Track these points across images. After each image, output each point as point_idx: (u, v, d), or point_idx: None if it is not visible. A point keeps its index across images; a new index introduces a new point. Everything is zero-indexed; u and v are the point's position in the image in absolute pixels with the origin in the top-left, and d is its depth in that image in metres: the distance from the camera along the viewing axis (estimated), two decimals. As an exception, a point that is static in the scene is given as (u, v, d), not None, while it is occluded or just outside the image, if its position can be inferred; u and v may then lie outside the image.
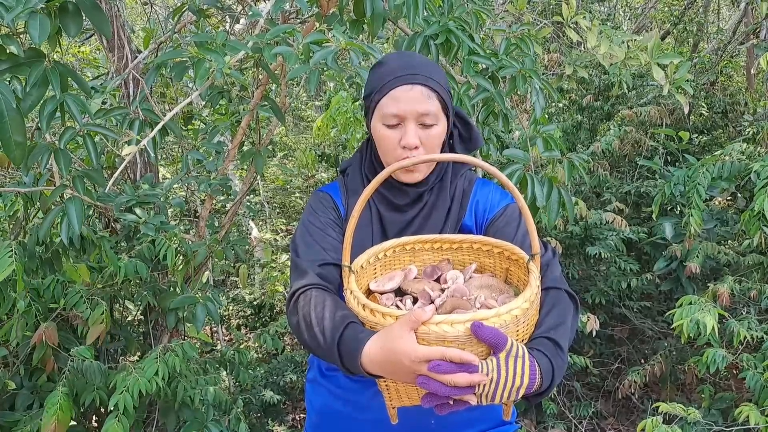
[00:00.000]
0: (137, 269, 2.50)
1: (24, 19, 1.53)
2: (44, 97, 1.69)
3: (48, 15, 1.57)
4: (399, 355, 1.10)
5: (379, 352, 1.14)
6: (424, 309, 1.11)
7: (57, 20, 1.61)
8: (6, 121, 1.56)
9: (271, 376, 4.05)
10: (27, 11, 1.51)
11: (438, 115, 1.48)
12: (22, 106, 1.62)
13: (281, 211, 7.53)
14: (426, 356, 1.08)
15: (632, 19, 8.58)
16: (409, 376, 1.12)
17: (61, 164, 1.89)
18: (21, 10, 1.50)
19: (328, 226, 1.55)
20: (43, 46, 1.64)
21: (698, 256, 3.66)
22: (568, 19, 2.60)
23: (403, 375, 1.13)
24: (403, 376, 1.14)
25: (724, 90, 6.08)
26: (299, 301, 1.36)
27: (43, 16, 1.55)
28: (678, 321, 2.84)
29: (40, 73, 1.62)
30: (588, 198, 4.72)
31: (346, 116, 4.84)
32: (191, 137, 3.42)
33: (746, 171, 3.25)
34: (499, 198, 1.59)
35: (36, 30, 1.53)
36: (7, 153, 1.61)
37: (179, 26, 2.75)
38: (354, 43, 1.78)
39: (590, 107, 5.38)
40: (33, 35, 1.52)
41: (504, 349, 1.09)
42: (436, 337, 1.09)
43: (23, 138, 1.61)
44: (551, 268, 1.38)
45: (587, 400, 4.01)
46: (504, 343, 1.08)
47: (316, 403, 1.69)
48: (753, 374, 2.93)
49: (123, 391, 2.31)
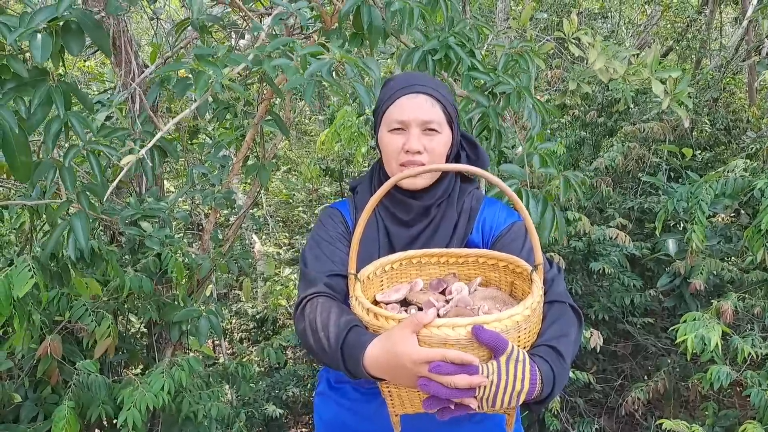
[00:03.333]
0: (141, 284, 2.51)
1: (27, 39, 1.54)
2: (48, 116, 1.72)
3: (50, 34, 1.59)
4: (400, 357, 1.11)
5: (381, 354, 1.16)
6: (425, 312, 1.12)
7: (59, 39, 1.63)
8: (11, 142, 1.58)
9: (273, 390, 4.05)
10: (29, 31, 1.54)
11: (442, 124, 1.52)
12: (27, 125, 1.64)
13: (285, 225, 7.55)
14: (427, 357, 1.09)
15: (635, 35, 8.62)
16: (411, 378, 1.12)
17: (66, 181, 1.91)
18: (23, 30, 1.53)
19: (337, 240, 1.57)
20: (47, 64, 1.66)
21: (702, 273, 3.66)
22: (570, 35, 2.62)
23: (404, 377, 1.14)
24: (404, 379, 1.14)
25: (727, 107, 6.09)
26: (306, 308, 1.38)
27: (45, 36, 1.57)
28: (682, 337, 2.84)
29: (44, 93, 1.65)
30: (591, 214, 4.72)
31: (350, 131, 4.86)
32: (197, 151, 3.44)
33: (749, 187, 3.25)
34: (505, 216, 1.61)
35: (38, 50, 1.55)
36: (13, 172, 1.63)
37: (185, 42, 2.78)
38: (348, 56, 1.80)
39: (593, 123, 5.40)
40: (35, 55, 1.54)
41: (505, 353, 1.09)
42: (438, 340, 1.10)
43: (28, 157, 1.63)
44: (556, 283, 1.39)
45: (590, 416, 3.99)
46: (504, 347, 1.09)
47: (324, 416, 1.70)
48: (757, 391, 2.92)
49: (131, 406, 2.32)
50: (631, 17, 9.05)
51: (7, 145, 1.58)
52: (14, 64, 1.59)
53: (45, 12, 1.57)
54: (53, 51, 1.60)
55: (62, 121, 1.74)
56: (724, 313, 3.15)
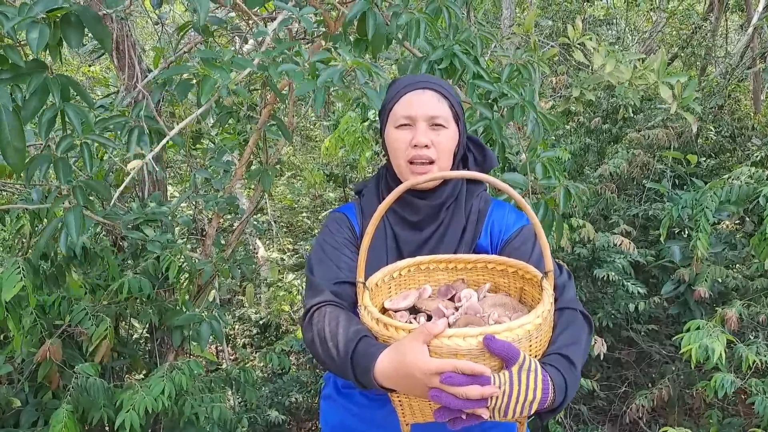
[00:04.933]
0: (141, 286, 2.50)
1: (24, 28, 1.53)
2: (44, 106, 1.69)
3: (49, 25, 1.57)
4: (411, 368, 1.09)
5: (391, 365, 1.14)
6: (436, 322, 1.10)
7: (58, 31, 1.60)
8: (5, 126, 1.55)
9: (276, 396, 4.04)
10: (27, 20, 1.52)
11: (449, 120, 1.51)
12: (22, 114, 1.60)
13: (288, 231, 7.55)
14: (438, 368, 1.07)
15: (640, 42, 8.61)
16: (422, 389, 1.11)
17: (60, 173, 1.87)
18: (21, 19, 1.51)
19: (344, 246, 1.55)
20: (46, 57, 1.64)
21: (706, 280, 3.64)
22: (575, 40, 2.62)
23: (415, 388, 1.12)
24: (415, 390, 1.13)
25: (732, 114, 6.07)
26: (314, 318, 1.36)
27: (43, 26, 1.54)
28: (686, 346, 2.82)
29: (41, 81, 1.62)
30: (596, 220, 4.71)
31: (354, 136, 4.86)
32: (200, 156, 3.44)
33: (755, 195, 3.24)
34: (514, 219, 1.59)
35: (35, 39, 1.52)
36: (5, 158, 1.58)
37: (189, 46, 2.78)
38: (360, 62, 1.80)
39: (598, 130, 5.39)
40: (31, 43, 1.51)
41: (516, 363, 1.08)
42: (449, 350, 1.09)
43: (22, 144, 1.59)
44: (566, 290, 1.38)
45: (594, 424, 3.97)
46: (516, 357, 1.08)
47: (331, 421, 1.68)
48: (761, 399, 2.90)
49: (130, 409, 2.31)
50: (636, 24, 9.05)
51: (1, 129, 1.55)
52: (11, 54, 1.57)
53: (45, 2, 1.55)
54: (51, 43, 1.58)
55: (57, 109, 1.71)
56: (729, 320, 3.13)
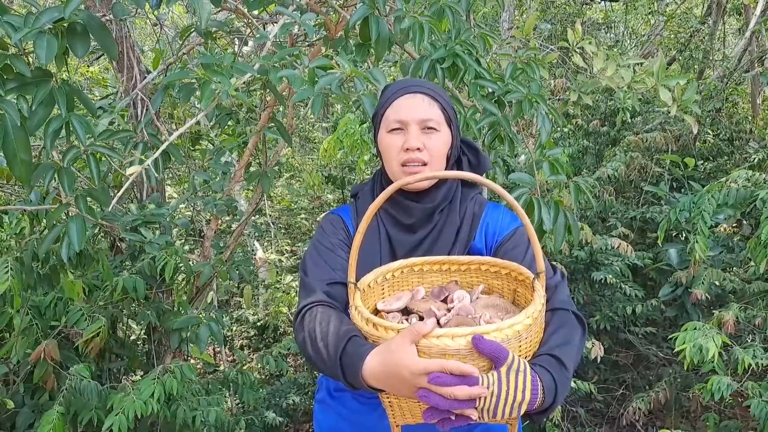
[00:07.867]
0: (136, 286, 2.49)
1: (32, 39, 1.54)
2: (50, 116, 1.70)
3: (55, 35, 1.58)
4: (399, 368, 1.10)
5: (379, 365, 1.14)
6: (425, 322, 1.10)
7: (64, 41, 1.62)
8: (11, 139, 1.57)
9: (273, 398, 4.03)
10: (34, 31, 1.53)
11: (440, 123, 1.52)
12: (28, 124, 1.62)
13: (287, 232, 7.54)
14: (426, 368, 1.07)
15: (638, 46, 8.63)
16: (410, 389, 1.11)
17: (64, 183, 1.89)
18: (28, 30, 1.52)
19: (338, 247, 1.56)
20: (51, 66, 1.65)
21: (704, 283, 3.65)
22: (574, 44, 2.62)
23: (403, 388, 1.12)
24: (403, 390, 1.13)
25: (730, 117, 6.09)
26: (305, 318, 1.37)
27: (51, 37, 1.56)
28: (680, 346, 2.82)
29: (47, 92, 1.63)
30: (593, 223, 4.71)
31: (353, 138, 4.86)
32: (199, 157, 3.44)
33: (752, 198, 3.24)
34: (509, 221, 1.59)
35: (43, 50, 1.53)
36: (12, 171, 1.61)
37: (188, 47, 2.78)
38: (358, 71, 1.80)
39: (596, 132, 5.40)
40: (39, 55, 1.53)
41: (505, 363, 1.08)
42: (438, 350, 1.09)
43: (28, 156, 1.61)
44: (559, 290, 1.38)
45: (591, 426, 3.97)
46: (505, 357, 1.08)
47: (323, 424, 1.68)
48: (758, 402, 2.90)
49: (119, 412, 2.30)
50: (635, 27, 9.06)
51: (7, 142, 1.56)
52: (17, 64, 1.58)
53: (51, 12, 1.56)
54: (58, 53, 1.59)
55: (63, 120, 1.72)
56: (726, 323, 3.13)
